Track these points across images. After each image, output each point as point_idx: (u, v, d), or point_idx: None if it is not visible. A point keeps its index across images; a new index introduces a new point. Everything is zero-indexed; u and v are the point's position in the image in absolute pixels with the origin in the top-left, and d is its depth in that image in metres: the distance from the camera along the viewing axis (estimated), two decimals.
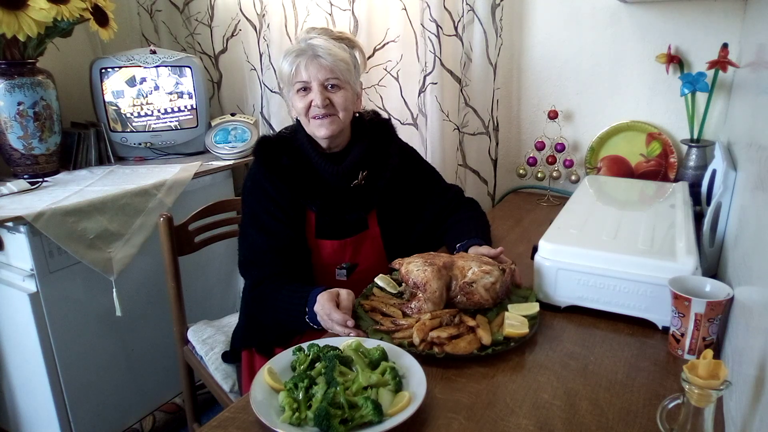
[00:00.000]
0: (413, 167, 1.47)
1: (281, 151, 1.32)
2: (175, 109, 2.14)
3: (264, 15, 2.11)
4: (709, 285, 0.97)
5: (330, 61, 1.24)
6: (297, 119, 1.36)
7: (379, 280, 1.19)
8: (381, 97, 2.08)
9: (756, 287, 0.79)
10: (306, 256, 1.32)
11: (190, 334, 1.61)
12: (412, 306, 1.07)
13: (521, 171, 1.89)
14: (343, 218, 1.35)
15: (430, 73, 1.85)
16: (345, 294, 1.09)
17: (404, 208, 1.44)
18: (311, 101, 1.26)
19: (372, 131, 1.40)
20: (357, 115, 1.40)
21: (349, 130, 1.37)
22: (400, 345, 0.97)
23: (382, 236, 1.40)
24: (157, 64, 2.08)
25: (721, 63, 1.51)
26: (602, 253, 1.08)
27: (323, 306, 1.08)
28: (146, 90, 2.09)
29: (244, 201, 1.36)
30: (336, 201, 1.33)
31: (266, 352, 1.35)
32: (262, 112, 2.26)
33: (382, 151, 1.40)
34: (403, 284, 1.14)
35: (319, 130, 1.28)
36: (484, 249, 1.23)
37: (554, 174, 1.86)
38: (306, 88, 1.26)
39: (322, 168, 1.32)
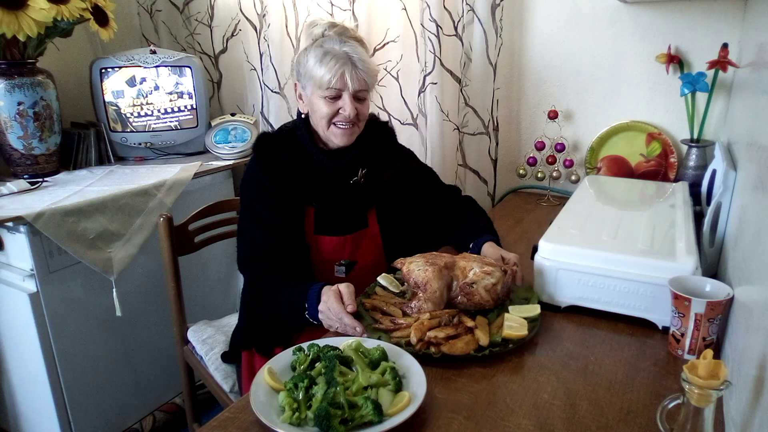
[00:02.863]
0: (412, 168, 1.48)
1: (282, 147, 1.32)
2: (175, 109, 2.14)
3: (264, 15, 2.11)
4: (709, 285, 0.97)
5: (364, 74, 1.26)
6: (300, 115, 1.35)
7: (382, 279, 1.19)
8: (381, 97, 2.08)
9: (756, 287, 0.79)
10: (305, 252, 1.32)
11: (190, 334, 1.61)
12: (413, 305, 1.07)
13: (521, 171, 1.89)
14: (342, 214, 1.35)
15: (430, 73, 1.85)
16: (345, 289, 1.09)
17: (403, 208, 1.44)
18: (338, 108, 1.26)
19: (372, 132, 1.40)
20: None
21: None
22: (397, 344, 0.97)
23: (382, 234, 1.40)
24: (157, 64, 2.08)
25: (721, 63, 1.51)
26: (602, 253, 1.08)
27: (331, 307, 1.07)
28: (146, 90, 2.09)
29: (242, 196, 1.36)
30: (335, 197, 1.34)
31: (266, 352, 1.35)
32: (262, 112, 2.26)
33: (382, 151, 1.41)
34: (405, 284, 1.14)
35: (339, 139, 1.29)
36: (504, 253, 1.23)
37: (554, 174, 1.86)
38: (335, 96, 1.26)
39: (322, 163, 1.32)
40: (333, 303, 1.07)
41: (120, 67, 2.05)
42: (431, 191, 1.48)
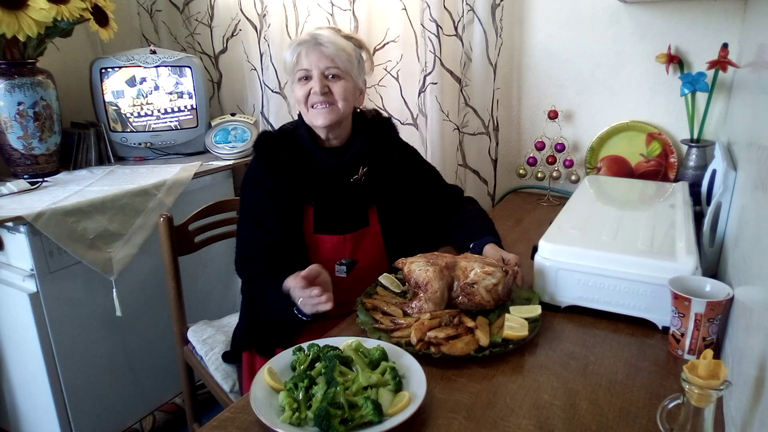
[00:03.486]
0: (414, 166, 1.48)
1: (282, 146, 1.32)
2: (175, 109, 2.14)
3: (265, 15, 2.12)
4: (709, 285, 0.97)
5: (331, 50, 1.25)
6: (299, 114, 1.35)
7: (383, 279, 1.19)
8: (381, 97, 2.08)
9: (756, 287, 0.79)
10: (303, 253, 1.32)
11: (190, 334, 1.61)
12: (413, 306, 1.07)
13: (521, 171, 1.89)
14: (342, 213, 1.35)
15: (430, 73, 1.85)
16: (311, 269, 1.10)
17: (405, 206, 1.44)
18: (311, 89, 1.26)
19: (373, 128, 1.40)
20: (359, 111, 1.39)
21: (350, 125, 1.37)
22: (397, 344, 0.97)
23: (383, 233, 1.40)
24: (157, 64, 2.08)
25: (721, 63, 1.51)
26: (602, 253, 1.08)
27: (292, 289, 1.10)
28: (146, 90, 2.09)
29: (242, 195, 1.36)
30: (335, 195, 1.33)
31: (266, 352, 1.35)
32: (262, 112, 2.26)
33: (384, 148, 1.40)
34: (406, 284, 1.14)
35: (316, 119, 1.28)
36: (504, 254, 1.23)
37: (554, 174, 1.86)
38: (307, 77, 1.27)
39: (322, 161, 1.32)
40: (290, 281, 1.10)
41: (120, 67, 2.05)
42: (433, 190, 1.48)
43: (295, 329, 1.32)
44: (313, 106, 1.27)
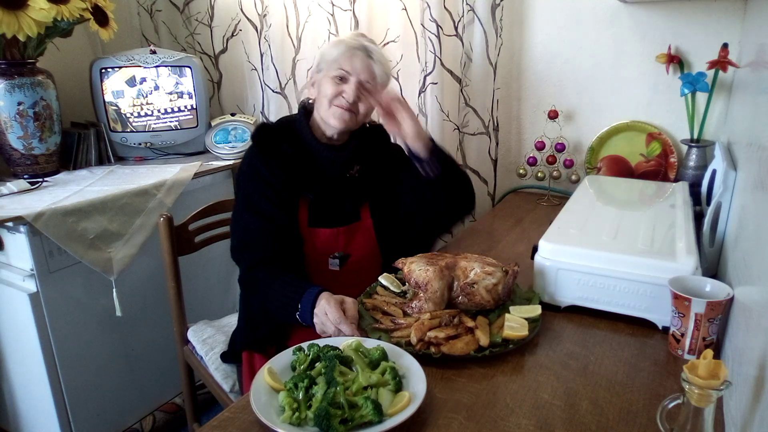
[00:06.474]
0: (403, 166, 1.48)
1: (281, 138, 1.34)
2: (175, 109, 2.14)
3: (265, 15, 2.12)
4: (709, 285, 0.97)
5: (378, 69, 1.31)
6: (301, 108, 1.38)
7: (383, 279, 1.19)
8: None
9: (756, 287, 0.79)
10: (299, 244, 1.33)
11: (190, 334, 1.61)
12: (414, 306, 1.07)
13: (521, 171, 1.89)
14: (337, 206, 1.36)
15: (430, 73, 1.85)
16: (351, 303, 1.08)
17: (395, 203, 1.45)
18: (342, 91, 1.29)
19: (369, 130, 1.43)
20: None
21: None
22: (397, 344, 0.97)
23: (375, 228, 1.41)
24: (157, 64, 2.08)
25: (721, 63, 1.51)
26: (602, 253, 1.08)
27: (331, 312, 1.05)
28: (146, 90, 2.09)
29: (238, 185, 1.36)
30: (331, 189, 1.35)
31: (266, 351, 1.35)
32: (262, 112, 2.26)
33: (377, 149, 1.43)
34: (406, 284, 1.14)
35: (334, 118, 1.30)
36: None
37: (554, 174, 1.86)
38: (343, 78, 1.30)
39: (322, 154, 1.34)
40: (333, 308, 1.05)
41: (120, 67, 2.04)
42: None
43: (292, 326, 1.31)
44: (338, 106, 1.30)
